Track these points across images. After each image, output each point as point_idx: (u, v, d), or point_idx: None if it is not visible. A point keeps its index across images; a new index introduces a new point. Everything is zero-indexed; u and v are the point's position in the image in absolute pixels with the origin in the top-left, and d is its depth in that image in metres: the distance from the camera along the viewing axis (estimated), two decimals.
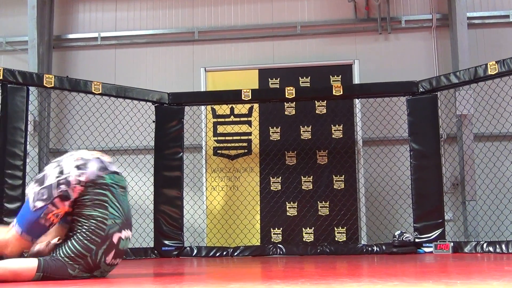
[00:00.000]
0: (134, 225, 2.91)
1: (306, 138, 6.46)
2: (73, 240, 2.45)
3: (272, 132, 6.53)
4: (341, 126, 6.44)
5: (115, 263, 2.57)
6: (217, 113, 6.63)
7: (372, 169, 6.55)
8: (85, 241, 2.43)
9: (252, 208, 6.31)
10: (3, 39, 7.60)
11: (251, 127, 6.56)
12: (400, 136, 6.61)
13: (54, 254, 2.45)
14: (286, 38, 7.40)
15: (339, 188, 6.29)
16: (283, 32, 7.41)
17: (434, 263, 3.65)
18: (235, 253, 5.74)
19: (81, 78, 5.80)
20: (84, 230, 2.44)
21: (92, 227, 2.44)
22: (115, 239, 2.49)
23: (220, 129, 6.61)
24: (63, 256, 2.43)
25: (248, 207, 6.29)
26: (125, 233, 2.55)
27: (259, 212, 6.35)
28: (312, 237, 6.13)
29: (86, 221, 2.45)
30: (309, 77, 6.66)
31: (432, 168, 5.61)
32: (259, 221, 6.33)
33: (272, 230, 6.28)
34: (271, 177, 6.36)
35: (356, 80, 6.55)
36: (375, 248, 5.56)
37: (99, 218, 2.45)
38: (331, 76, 6.63)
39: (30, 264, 2.38)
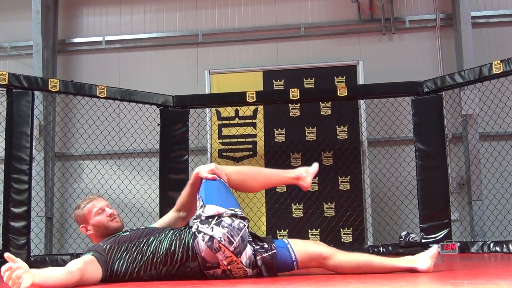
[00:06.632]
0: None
1: (311, 140, 6.45)
2: None
3: (277, 134, 6.53)
4: (346, 127, 6.44)
5: None
6: (221, 116, 6.64)
7: (378, 170, 6.54)
8: None
9: (257, 210, 6.31)
10: (8, 44, 7.63)
11: (256, 129, 6.56)
12: (405, 137, 6.59)
13: None
14: (290, 40, 7.39)
15: (344, 189, 6.29)
16: (287, 34, 7.40)
17: (440, 264, 3.63)
18: None
19: (85, 82, 5.81)
20: None
21: None
22: None
23: (225, 131, 6.61)
24: None
25: (253, 209, 6.28)
26: None
27: (264, 214, 6.34)
28: (318, 238, 6.12)
29: None
30: (314, 78, 6.66)
31: (438, 168, 5.58)
32: (265, 223, 6.33)
33: (278, 232, 6.28)
34: None
35: (361, 80, 6.55)
36: (381, 249, 5.54)
37: None
38: (335, 77, 6.62)
39: None
